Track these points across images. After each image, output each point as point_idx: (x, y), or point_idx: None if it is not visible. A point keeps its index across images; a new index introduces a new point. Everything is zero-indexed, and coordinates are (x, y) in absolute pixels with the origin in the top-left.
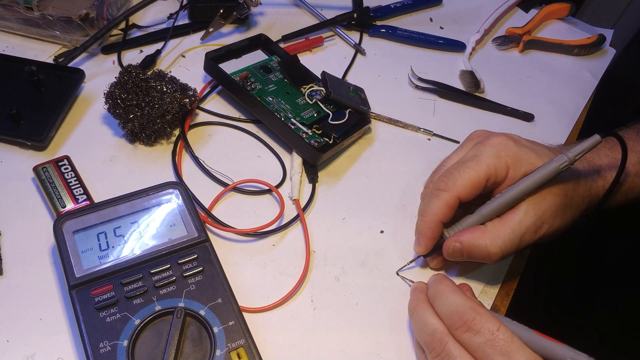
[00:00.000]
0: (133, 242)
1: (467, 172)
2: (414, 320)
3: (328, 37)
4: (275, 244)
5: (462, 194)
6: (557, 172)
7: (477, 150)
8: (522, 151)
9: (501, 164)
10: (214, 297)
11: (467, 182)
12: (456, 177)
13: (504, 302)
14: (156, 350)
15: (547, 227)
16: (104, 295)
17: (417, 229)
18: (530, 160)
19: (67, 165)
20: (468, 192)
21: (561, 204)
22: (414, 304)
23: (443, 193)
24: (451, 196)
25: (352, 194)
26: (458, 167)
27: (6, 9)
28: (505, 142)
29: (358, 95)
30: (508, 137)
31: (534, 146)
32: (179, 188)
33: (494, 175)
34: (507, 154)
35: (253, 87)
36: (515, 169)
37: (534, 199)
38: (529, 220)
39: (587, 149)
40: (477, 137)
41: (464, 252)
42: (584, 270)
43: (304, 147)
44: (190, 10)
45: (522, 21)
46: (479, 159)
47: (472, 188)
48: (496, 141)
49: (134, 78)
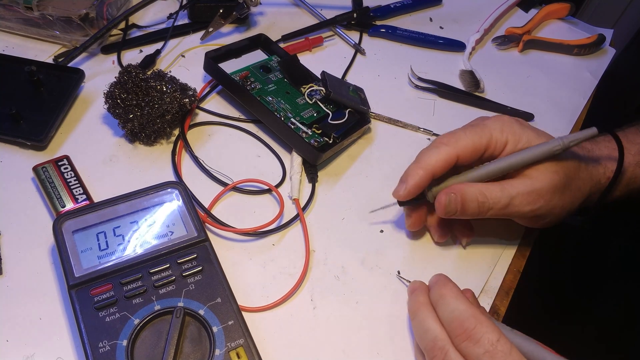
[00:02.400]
0: (132, 241)
1: (471, 134)
2: (415, 324)
3: (328, 37)
4: (275, 244)
5: (462, 153)
6: (550, 153)
7: (483, 120)
8: (524, 132)
9: (502, 137)
10: (214, 296)
11: (470, 142)
12: (460, 135)
13: (503, 301)
14: (155, 350)
15: (543, 203)
16: (104, 295)
17: (406, 173)
18: (529, 140)
19: (67, 165)
20: (468, 153)
21: (560, 182)
22: (415, 306)
23: (444, 146)
24: (451, 151)
25: (351, 193)
26: (464, 129)
27: (6, 8)
28: (511, 121)
29: (358, 95)
30: (514, 118)
31: (538, 131)
32: (178, 188)
33: (493, 145)
34: (510, 131)
35: (253, 86)
36: (513, 145)
37: (531, 172)
38: (523, 188)
39: (583, 138)
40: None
41: (458, 204)
42: (584, 270)
43: (303, 147)
44: (190, 10)
45: (522, 21)
46: (484, 127)
47: (472, 150)
48: (503, 118)
49: (134, 78)
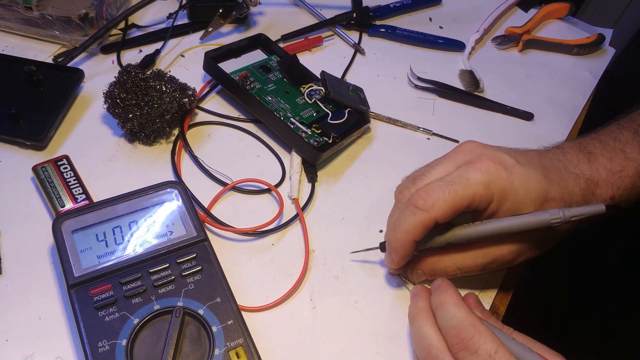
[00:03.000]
0: (132, 241)
1: (451, 195)
2: (412, 330)
3: (327, 36)
4: (274, 243)
5: (440, 217)
6: (547, 225)
7: (467, 172)
8: (512, 185)
9: (488, 195)
10: (213, 296)
11: (449, 205)
12: (438, 197)
13: (503, 301)
14: (155, 350)
15: (523, 259)
16: (103, 295)
17: (390, 245)
18: (518, 197)
19: (66, 164)
20: (447, 215)
21: (542, 238)
22: (414, 312)
23: (420, 213)
24: (429, 217)
25: (351, 193)
26: (442, 186)
27: (5, 8)
28: (498, 171)
29: (357, 94)
30: (500, 162)
31: (528, 173)
32: (178, 187)
33: (477, 204)
34: (496, 186)
35: (252, 86)
36: (499, 203)
37: None
38: (501, 252)
39: (587, 213)
40: (469, 153)
41: (426, 276)
42: (584, 270)
43: (303, 147)
44: (189, 10)
45: (521, 21)
46: (467, 184)
47: (452, 212)
48: (488, 167)
49: (133, 78)
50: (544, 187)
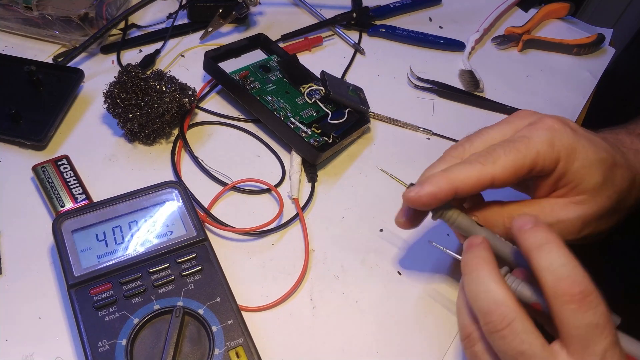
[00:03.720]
0: (132, 241)
1: (513, 153)
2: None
3: (327, 36)
4: (274, 243)
5: (499, 175)
6: None
7: (529, 131)
8: (579, 142)
9: (553, 155)
10: (213, 296)
11: (510, 164)
12: (500, 154)
13: None
14: (155, 350)
15: (588, 230)
16: (103, 295)
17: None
18: (587, 155)
19: (66, 164)
20: (507, 176)
21: (611, 207)
22: (474, 262)
23: (479, 165)
24: (486, 172)
25: (351, 193)
26: (504, 145)
27: (5, 8)
28: (562, 129)
29: (357, 94)
30: (565, 122)
31: (592, 137)
32: (178, 187)
33: (541, 165)
34: (562, 144)
35: (252, 86)
36: (568, 162)
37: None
38: (567, 215)
39: None
40: (528, 117)
41: None
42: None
43: (303, 147)
44: (189, 9)
45: (521, 20)
46: (530, 143)
47: (513, 173)
48: (553, 125)
49: (133, 78)
50: (611, 153)
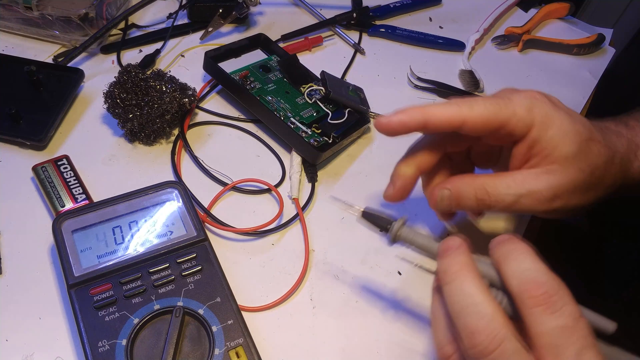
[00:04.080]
0: (132, 241)
1: (492, 105)
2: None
3: (327, 36)
4: (274, 243)
5: (470, 120)
6: None
7: (512, 94)
8: (557, 113)
9: (528, 119)
10: (213, 296)
11: (485, 113)
12: (479, 103)
13: None
14: (155, 350)
15: (559, 203)
16: (103, 295)
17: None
18: (562, 125)
19: (66, 164)
20: (478, 123)
21: (584, 182)
22: (454, 267)
23: (454, 105)
24: (460, 113)
25: (351, 193)
26: (485, 97)
27: (5, 8)
28: (543, 100)
29: (357, 94)
30: (548, 96)
31: (572, 112)
32: (178, 187)
33: (514, 126)
34: (539, 112)
35: (252, 86)
36: (541, 129)
37: (552, 167)
38: (538, 186)
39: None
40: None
41: (452, 200)
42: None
43: (303, 147)
44: (189, 10)
45: (521, 21)
46: (509, 102)
47: (484, 122)
48: (533, 94)
49: (133, 78)
50: (588, 127)
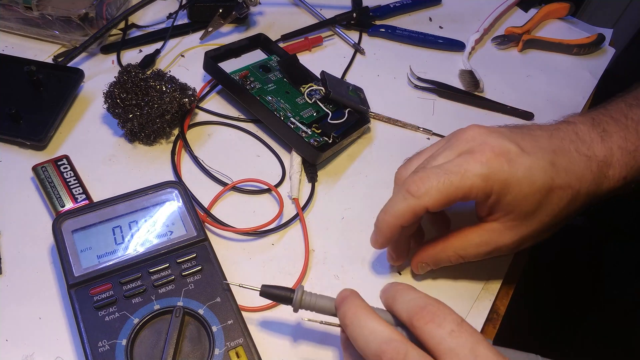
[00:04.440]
0: (132, 241)
1: (445, 185)
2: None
3: (327, 36)
4: (274, 243)
5: (431, 206)
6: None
7: (466, 162)
8: (514, 177)
9: (486, 188)
10: (213, 296)
11: (443, 195)
12: (432, 185)
13: (503, 301)
14: (155, 349)
15: (527, 244)
16: (103, 295)
17: (377, 224)
18: (520, 189)
19: (66, 164)
20: (439, 204)
21: (547, 225)
22: (352, 310)
23: (412, 199)
24: (419, 205)
25: (351, 193)
26: (438, 174)
27: (5, 8)
28: (499, 163)
29: (357, 94)
30: (502, 153)
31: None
32: (178, 187)
33: (474, 196)
34: (497, 179)
35: (252, 86)
36: (500, 195)
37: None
38: (504, 241)
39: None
40: (471, 140)
41: (432, 266)
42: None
43: (303, 146)
44: (189, 10)
45: (521, 21)
46: (464, 176)
47: (445, 202)
48: (489, 159)
49: (133, 78)
50: (550, 177)
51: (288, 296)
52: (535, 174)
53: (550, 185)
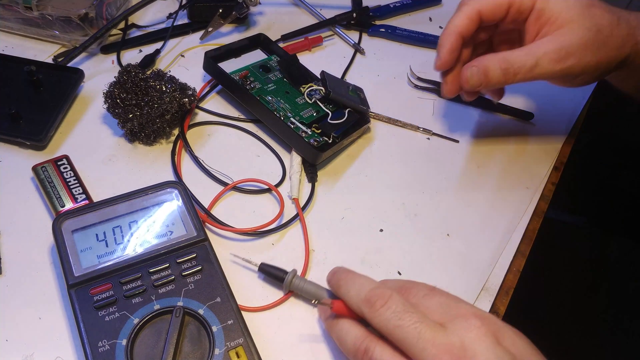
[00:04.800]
0: (132, 241)
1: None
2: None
3: (327, 36)
4: (274, 243)
5: (483, 9)
6: None
7: None
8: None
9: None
10: (213, 296)
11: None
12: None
13: (503, 301)
14: (155, 350)
15: (574, 61)
16: (103, 295)
17: (438, 42)
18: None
19: (66, 164)
20: (490, 9)
21: (593, 39)
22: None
23: (465, 6)
24: (471, 9)
25: (351, 193)
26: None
27: (5, 8)
28: None
29: (357, 94)
30: None
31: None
32: (178, 187)
33: (518, 2)
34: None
35: (252, 86)
36: (543, 1)
37: (561, 31)
38: (550, 47)
39: None
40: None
41: (481, 75)
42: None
43: (303, 146)
44: (189, 9)
45: None
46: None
47: (494, 6)
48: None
49: (133, 78)
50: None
51: (281, 276)
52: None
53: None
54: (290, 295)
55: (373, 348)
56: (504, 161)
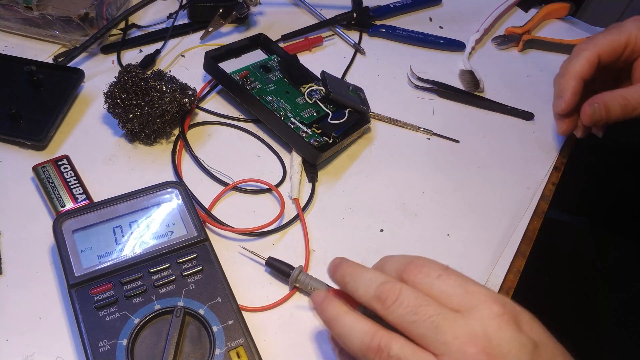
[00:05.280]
0: (132, 241)
1: (608, 35)
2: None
3: (327, 36)
4: (275, 243)
5: (602, 52)
6: None
7: (619, 23)
8: None
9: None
10: (214, 296)
11: (608, 42)
12: (598, 38)
13: None
14: (155, 350)
15: None
16: (104, 295)
17: (559, 88)
18: None
19: (67, 164)
20: (608, 52)
21: None
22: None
23: (584, 52)
24: (592, 53)
25: (351, 193)
26: (600, 33)
27: (5, 8)
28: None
29: (357, 94)
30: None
31: None
32: (178, 187)
33: (633, 43)
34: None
35: (253, 86)
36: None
37: None
38: None
39: None
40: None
41: (602, 111)
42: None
43: (303, 147)
44: (189, 9)
45: (521, 21)
46: (620, 28)
47: (612, 49)
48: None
49: (134, 78)
50: None
51: (287, 271)
52: None
53: None
54: (294, 292)
55: (389, 344)
56: (504, 161)
